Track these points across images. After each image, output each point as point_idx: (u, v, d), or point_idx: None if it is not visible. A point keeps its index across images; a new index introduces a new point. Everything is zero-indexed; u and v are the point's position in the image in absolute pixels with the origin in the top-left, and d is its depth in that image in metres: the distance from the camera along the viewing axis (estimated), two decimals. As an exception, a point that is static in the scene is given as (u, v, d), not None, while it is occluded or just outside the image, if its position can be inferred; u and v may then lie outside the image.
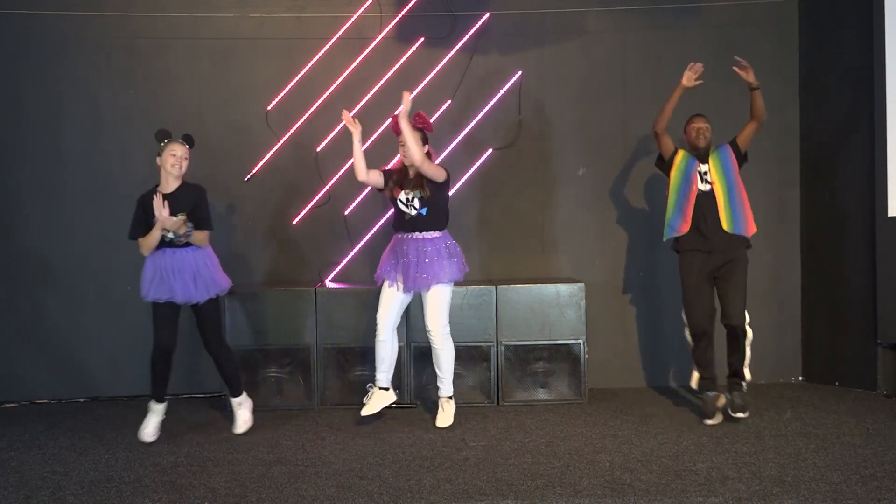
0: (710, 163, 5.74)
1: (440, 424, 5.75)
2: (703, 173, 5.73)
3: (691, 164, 5.77)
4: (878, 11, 6.29)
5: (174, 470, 4.93)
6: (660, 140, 5.88)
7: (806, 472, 4.69)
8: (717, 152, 5.79)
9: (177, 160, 5.44)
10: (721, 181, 5.70)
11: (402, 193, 5.71)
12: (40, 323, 6.75)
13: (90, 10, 6.70)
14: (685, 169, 5.78)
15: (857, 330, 6.58)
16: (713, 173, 5.72)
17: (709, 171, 5.73)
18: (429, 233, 5.73)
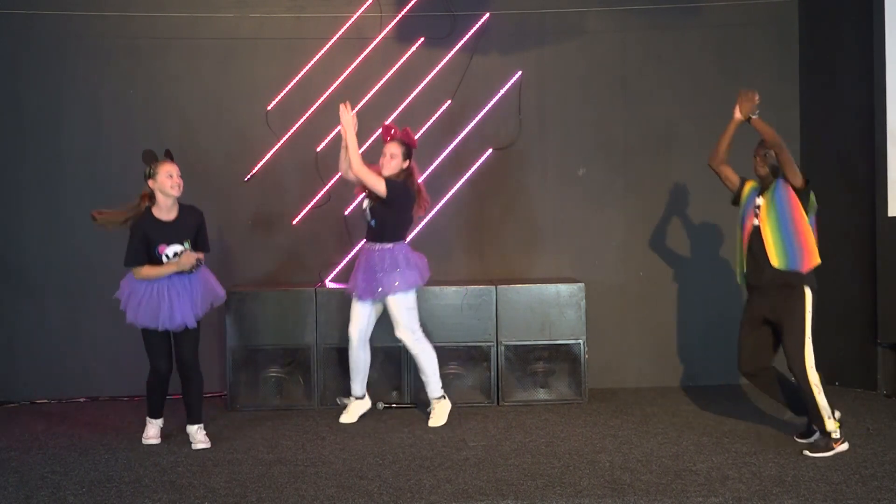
0: (764, 197, 5.25)
1: (432, 425, 5.76)
2: (757, 206, 5.26)
3: (751, 198, 5.33)
4: (878, 11, 6.29)
5: (174, 470, 4.93)
6: (720, 175, 5.46)
7: (806, 472, 4.69)
8: (774, 187, 5.26)
9: (175, 181, 5.25)
10: (769, 217, 5.18)
11: (366, 201, 5.84)
12: (40, 323, 6.75)
13: (90, 10, 6.70)
14: (745, 203, 5.36)
15: (857, 330, 6.58)
16: (763, 208, 5.21)
17: (761, 206, 5.24)
18: (381, 244, 5.77)
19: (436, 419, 5.80)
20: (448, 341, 6.32)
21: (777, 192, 5.24)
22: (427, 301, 6.27)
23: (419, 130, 6.74)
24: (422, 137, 6.73)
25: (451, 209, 6.84)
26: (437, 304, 6.30)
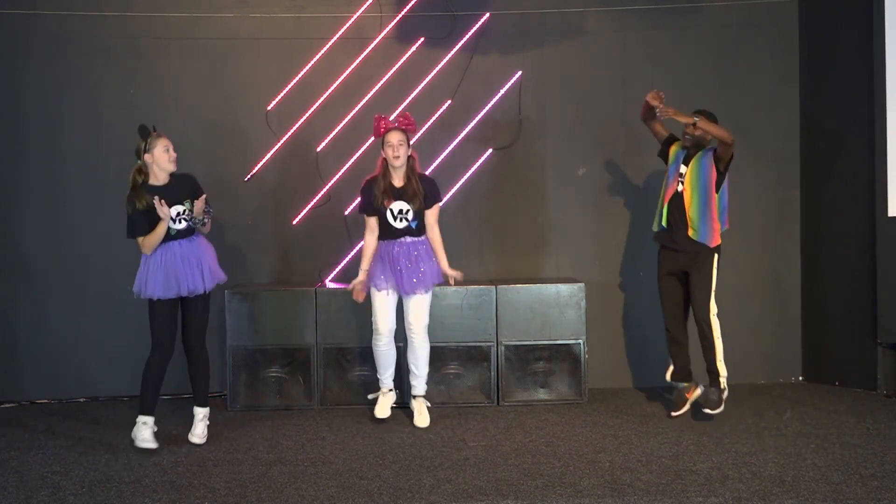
0: (689, 166, 5.72)
1: (421, 424, 5.75)
2: (682, 174, 5.75)
3: (677, 161, 5.79)
4: (878, 11, 6.29)
5: (174, 470, 4.93)
6: (650, 129, 5.95)
7: (806, 472, 4.69)
8: (700, 157, 5.73)
9: (172, 154, 5.33)
10: (691, 188, 5.69)
11: (395, 204, 5.71)
12: (40, 323, 6.75)
13: (90, 10, 6.70)
14: (671, 166, 5.82)
15: (857, 330, 6.58)
16: (687, 178, 5.71)
17: (685, 174, 5.72)
18: (417, 237, 5.79)
19: (423, 419, 5.78)
20: (448, 341, 6.32)
21: (703, 166, 5.69)
22: (427, 301, 6.28)
23: (419, 130, 6.75)
24: (422, 137, 6.74)
25: (451, 209, 6.83)
26: (437, 304, 6.29)
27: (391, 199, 5.71)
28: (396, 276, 5.72)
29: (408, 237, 5.76)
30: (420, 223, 5.77)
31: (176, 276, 5.28)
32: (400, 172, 5.72)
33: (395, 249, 5.73)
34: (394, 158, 5.65)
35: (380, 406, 5.88)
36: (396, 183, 5.73)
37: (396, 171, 5.72)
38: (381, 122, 5.71)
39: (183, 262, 5.31)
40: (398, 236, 5.75)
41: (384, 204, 5.70)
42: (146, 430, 5.31)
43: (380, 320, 5.80)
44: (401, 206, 5.71)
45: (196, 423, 5.49)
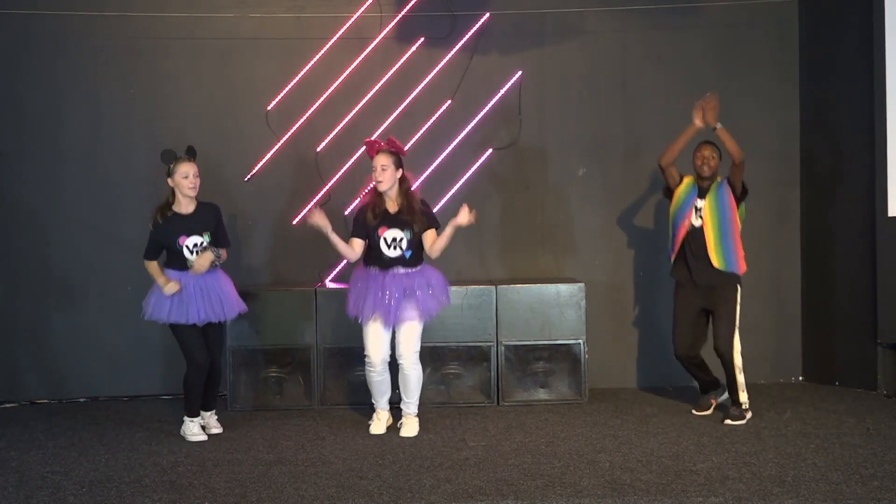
0: (706, 199, 5.71)
1: (407, 434, 5.59)
2: (698, 209, 5.72)
3: (690, 195, 5.76)
4: (878, 11, 6.29)
5: (174, 470, 4.93)
6: (665, 173, 5.87)
7: (806, 472, 4.69)
8: (716, 189, 5.74)
9: (190, 181, 5.39)
10: (713, 220, 5.68)
11: (388, 232, 5.47)
12: (40, 323, 6.75)
13: (90, 10, 6.70)
14: (683, 200, 5.79)
15: (857, 330, 6.58)
16: (706, 210, 5.69)
17: (703, 207, 5.70)
18: (412, 268, 5.56)
19: (410, 430, 5.62)
20: (448, 341, 6.32)
21: (721, 196, 5.71)
22: (427, 301, 6.28)
23: (419, 130, 6.75)
24: (422, 137, 6.75)
25: (451, 209, 6.82)
26: (437, 304, 6.30)
27: (385, 227, 5.48)
28: (385, 307, 5.47)
29: (400, 268, 5.51)
30: (414, 253, 5.53)
31: (188, 304, 5.39)
32: (392, 196, 5.52)
33: (386, 280, 5.49)
34: (377, 182, 5.47)
35: (375, 425, 5.71)
36: (390, 209, 5.52)
37: (387, 195, 5.52)
38: (372, 145, 5.56)
39: (197, 292, 5.42)
40: (389, 266, 5.50)
41: (378, 232, 5.47)
42: (194, 426, 5.57)
43: (372, 350, 5.58)
44: (395, 234, 5.46)
45: (207, 421, 5.69)
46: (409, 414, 5.71)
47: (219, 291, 5.49)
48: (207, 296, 5.44)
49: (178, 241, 5.39)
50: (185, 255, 5.41)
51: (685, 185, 5.81)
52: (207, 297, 5.44)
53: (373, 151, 5.54)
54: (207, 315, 5.44)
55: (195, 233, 5.42)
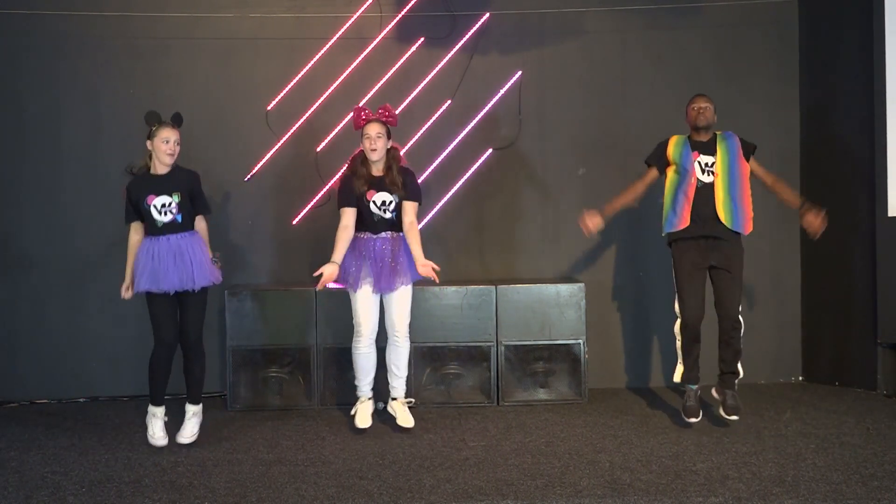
0: (717, 152, 5.53)
1: (406, 424, 5.59)
2: (707, 164, 5.54)
3: (686, 153, 5.59)
4: (878, 11, 6.29)
5: (174, 470, 4.93)
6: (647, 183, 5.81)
7: (806, 472, 4.69)
8: (726, 142, 5.58)
9: (170, 148, 5.27)
10: (724, 174, 5.51)
11: (377, 196, 5.49)
12: (40, 323, 6.75)
13: (90, 10, 6.70)
14: (680, 159, 5.59)
15: (857, 330, 6.58)
16: (719, 164, 5.51)
17: (716, 161, 5.52)
18: (394, 232, 5.56)
19: (409, 419, 5.62)
20: (448, 341, 6.32)
21: (733, 153, 5.56)
22: (427, 301, 6.28)
23: (419, 130, 6.75)
24: (422, 137, 6.75)
25: (451, 209, 6.84)
26: (437, 304, 6.30)
27: (373, 190, 5.48)
28: (377, 273, 5.48)
29: (390, 231, 5.53)
30: (399, 216, 5.53)
31: (164, 270, 5.21)
32: (379, 164, 5.53)
33: (378, 245, 5.50)
34: (370, 151, 5.45)
35: (360, 416, 5.64)
36: (375, 173, 5.53)
37: (375, 163, 5.52)
38: (360, 113, 5.52)
39: (170, 256, 5.22)
40: (380, 230, 5.51)
41: (366, 196, 5.47)
42: (157, 424, 5.35)
43: (363, 320, 5.53)
44: (384, 196, 5.47)
45: (185, 422, 5.43)
46: (399, 398, 5.70)
47: (191, 256, 5.25)
48: (181, 262, 5.22)
49: (146, 201, 5.22)
50: (154, 215, 5.22)
51: (674, 145, 5.64)
52: (181, 262, 5.22)
53: (362, 121, 5.51)
54: (182, 282, 5.21)
55: (164, 192, 5.23)
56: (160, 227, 5.27)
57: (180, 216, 5.29)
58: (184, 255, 5.26)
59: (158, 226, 5.27)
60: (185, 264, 5.25)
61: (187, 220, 5.34)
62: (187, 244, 5.29)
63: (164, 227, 5.27)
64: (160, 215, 5.26)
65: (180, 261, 5.24)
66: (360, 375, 5.67)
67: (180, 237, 5.30)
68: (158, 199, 5.26)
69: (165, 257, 5.23)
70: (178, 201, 5.29)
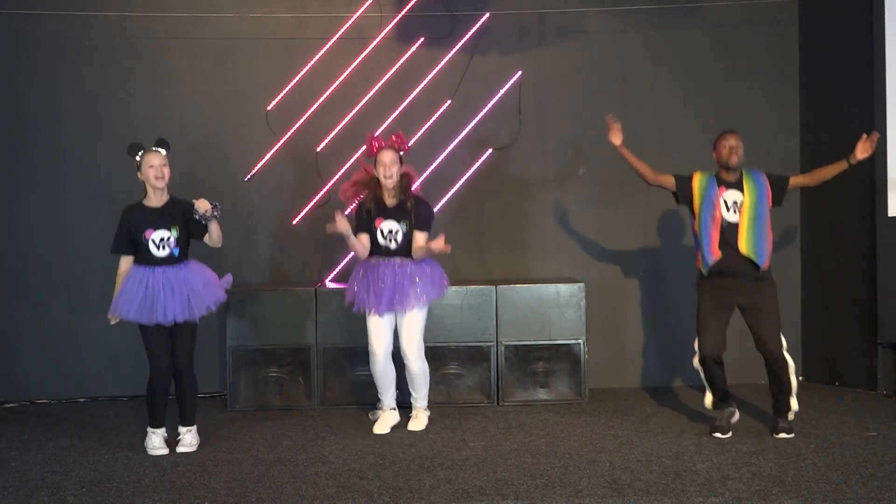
0: (745, 191, 5.37)
1: (414, 428, 5.67)
2: (735, 203, 5.36)
3: (711, 188, 5.41)
4: (878, 11, 6.29)
5: (174, 470, 4.93)
6: (659, 184, 5.61)
7: (806, 472, 4.69)
8: (753, 180, 5.43)
9: (157, 170, 5.20)
10: (753, 212, 5.35)
11: (384, 224, 5.55)
12: (40, 323, 6.75)
13: (90, 10, 6.70)
14: (706, 195, 5.41)
15: (857, 330, 6.58)
16: (747, 203, 5.36)
17: (742, 202, 5.36)
18: (404, 258, 5.60)
19: (418, 424, 5.69)
20: (448, 341, 6.32)
21: (761, 191, 5.40)
22: (427, 301, 6.29)
23: (419, 130, 6.75)
24: (422, 137, 6.74)
25: (451, 209, 6.84)
26: (437, 304, 6.27)
27: (381, 218, 5.54)
28: (388, 296, 5.53)
29: (397, 258, 5.58)
30: (406, 241, 5.58)
31: (153, 302, 5.17)
32: (392, 191, 5.57)
33: (383, 270, 5.56)
34: (386, 179, 5.50)
35: (379, 424, 5.71)
36: (388, 201, 5.57)
37: (388, 189, 5.56)
38: (372, 141, 5.57)
39: (164, 288, 5.18)
40: (387, 256, 5.59)
41: (375, 223, 5.54)
42: (156, 438, 5.31)
43: (374, 341, 5.63)
44: (391, 226, 5.54)
45: (183, 437, 5.37)
46: (419, 408, 5.78)
47: (188, 289, 5.23)
48: (176, 294, 5.19)
49: (145, 235, 5.21)
50: (151, 249, 5.21)
51: (700, 181, 5.46)
52: (176, 295, 5.19)
53: (375, 149, 5.56)
54: (175, 315, 5.18)
55: (162, 227, 5.21)
56: (156, 260, 5.25)
57: (178, 250, 5.28)
58: (181, 287, 5.22)
59: (155, 259, 5.24)
60: (178, 298, 5.20)
61: (184, 253, 5.33)
62: (183, 276, 5.26)
63: (161, 260, 5.25)
64: (158, 249, 5.24)
65: (178, 293, 5.20)
66: (381, 390, 5.78)
67: (176, 269, 5.26)
68: (157, 234, 5.23)
69: (161, 290, 5.19)
70: (177, 236, 5.26)
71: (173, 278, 5.22)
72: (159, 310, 5.17)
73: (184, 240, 5.31)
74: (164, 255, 5.24)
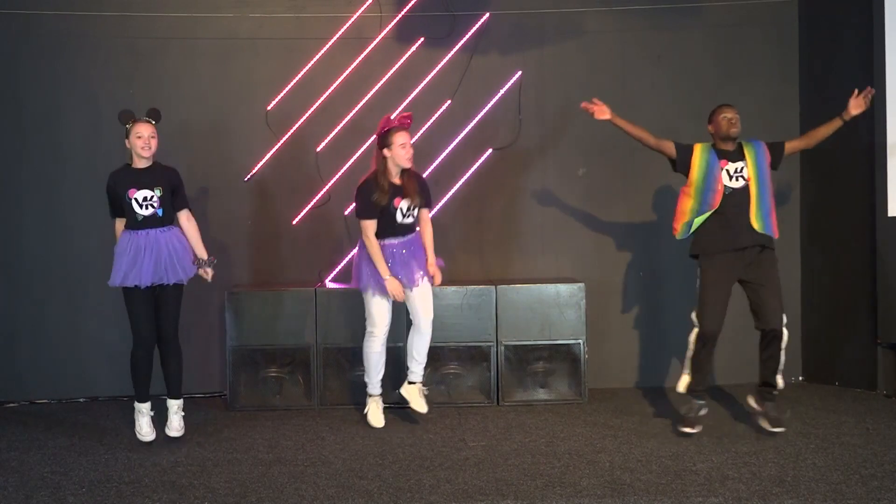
0: (746, 158, 5.42)
1: (420, 409, 5.76)
2: (736, 170, 5.40)
3: (713, 160, 5.43)
4: (878, 11, 6.29)
5: (174, 470, 4.93)
6: (661, 150, 5.62)
7: (806, 472, 4.69)
8: (752, 148, 5.48)
9: (144, 142, 5.32)
10: (756, 179, 5.38)
11: (403, 202, 5.64)
12: (40, 323, 6.75)
13: (90, 10, 6.70)
14: (707, 166, 5.43)
15: (857, 330, 6.58)
16: (750, 169, 5.39)
17: (745, 167, 5.40)
18: (415, 233, 5.77)
19: (423, 403, 5.80)
20: (448, 341, 6.32)
21: (760, 158, 5.45)
22: (427, 301, 6.28)
23: (419, 130, 6.75)
24: (422, 137, 6.74)
25: (451, 209, 6.84)
26: (437, 303, 6.27)
27: (399, 197, 5.63)
28: (405, 271, 5.65)
29: (409, 234, 5.73)
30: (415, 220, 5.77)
31: (140, 264, 5.25)
32: (395, 171, 5.65)
33: (402, 249, 5.68)
34: (407, 159, 5.57)
35: (373, 415, 5.82)
36: (395, 181, 5.66)
37: (397, 169, 5.65)
38: (392, 120, 5.63)
39: (147, 250, 5.27)
40: (404, 234, 5.70)
41: (393, 203, 5.61)
42: (143, 420, 5.41)
43: (378, 321, 5.74)
44: (407, 203, 5.66)
45: (170, 417, 5.51)
46: (417, 382, 5.83)
47: (169, 251, 5.31)
48: (157, 256, 5.27)
49: (128, 194, 5.29)
50: (135, 208, 5.27)
51: (700, 153, 5.47)
52: (157, 257, 5.27)
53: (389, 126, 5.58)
54: (159, 276, 5.27)
55: (146, 186, 5.29)
56: (140, 221, 5.32)
57: (161, 210, 5.34)
58: (161, 249, 5.30)
59: (138, 219, 5.31)
60: (161, 259, 5.29)
61: (168, 215, 5.39)
62: (166, 238, 5.34)
63: (145, 220, 5.31)
64: (141, 209, 5.31)
65: (157, 255, 5.28)
66: (372, 374, 5.84)
67: (159, 231, 5.34)
68: (140, 193, 5.31)
69: (143, 252, 5.28)
70: (160, 195, 5.34)
71: (154, 240, 5.30)
72: (139, 271, 5.24)
73: (168, 201, 5.36)
74: (148, 214, 5.30)
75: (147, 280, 5.27)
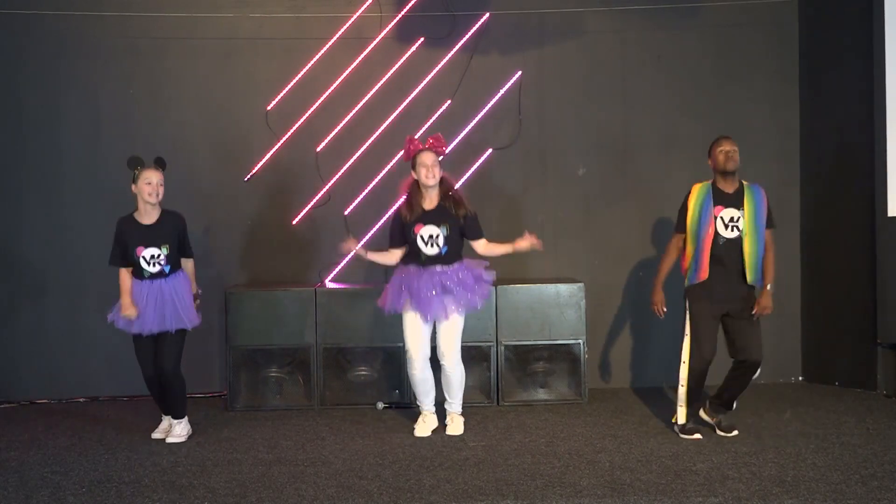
0: (745, 207, 5.23)
1: (452, 433, 5.59)
2: (732, 219, 5.22)
3: (707, 203, 5.26)
4: (878, 11, 6.29)
5: (174, 470, 4.93)
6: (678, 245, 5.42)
7: (806, 472, 4.69)
8: (753, 196, 5.29)
9: (153, 188, 5.35)
10: (752, 231, 5.23)
11: (424, 229, 5.45)
12: (40, 323, 6.75)
13: (90, 10, 6.71)
14: (701, 209, 5.26)
15: (857, 330, 6.58)
16: (748, 220, 5.22)
17: (742, 217, 5.22)
18: (449, 265, 5.50)
19: (456, 428, 5.62)
20: (448, 341, 6.32)
21: (759, 209, 5.28)
22: (427, 301, 6.28)
23: (419, 130, 6.75)
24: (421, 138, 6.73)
25: (451, 209, 6.83)
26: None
27: (420, 224, 5.44)
28: (424, 303, 5.44)
29: (437, 265, 5.46)
30: (451, 250, 5.48)
31: (146, 314, 5.37)
32: (432, 194, 5.51)
33: (423, 277, 5.44)
34: (428, 178, 5.42)
35: (420, 427, 5.64)
36: (427, 206, 5.50)
37: (429, 192, 5.50)
38: (412, 143, 5.52)
39: (152, 301, 5.38)
40: (427, 264, 5.46)
41: (414, 229, 5.43)
42: (163, 422, 5.69)
43: (411, 346, 5.54)
44: (431, 230, 5.43)
45: (173, 426, 5.59)
46: (454, 413, 5.70)
47: (173, 301, 5.41)
48: (162, 307, 5.38)
49: (136, 252, 5.37)
50: (143, 265, 5.38)
51: (697, 194, 5.30)
52: (161, 308, 5.38)
53: (412, 152, 5.50)
54: (160, 326, 5.39)
55: (153, 244, 5.38)
56: (146, 276, 5.42)
57: (168, 267, 5.43)
58: (165, 300, 5.40)
59: (145, 275, 5.41)
60: (165, 309, 5.39)
61: (174, 269, 5.48)
62: (170, 288, 5.43)
63: (151, 275, 5.41)
64: (149, 266, 5.40)
65: (161, 305, 5.39)
66: (420, 396, 5.68)
67: (164, 281, 5.43)
68: (148, 251, 5.38)
69: (148, 302, 5.38)
70: (167, 254, 5.41)
71: (158, 290, 5.41)
72: (144, 320, 5.38)
73: (174, 256, 5.45)
74: (155, 271, 5.41)
75: (150, 329, 5.40)
